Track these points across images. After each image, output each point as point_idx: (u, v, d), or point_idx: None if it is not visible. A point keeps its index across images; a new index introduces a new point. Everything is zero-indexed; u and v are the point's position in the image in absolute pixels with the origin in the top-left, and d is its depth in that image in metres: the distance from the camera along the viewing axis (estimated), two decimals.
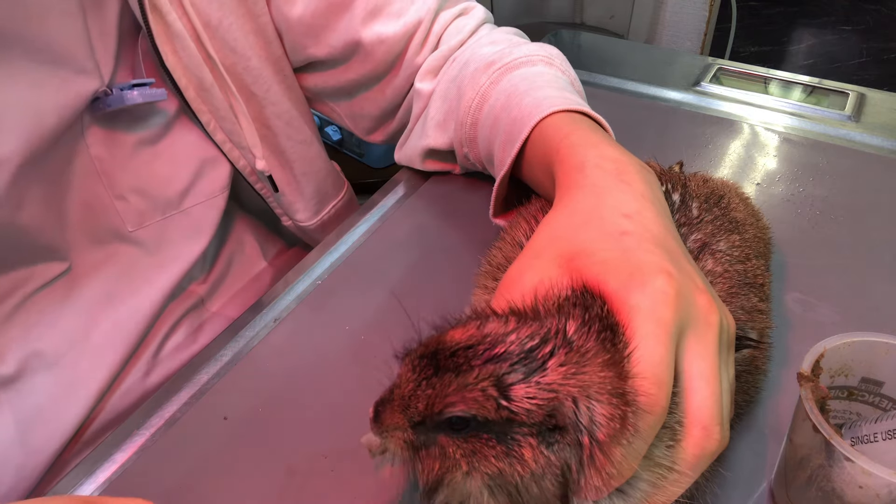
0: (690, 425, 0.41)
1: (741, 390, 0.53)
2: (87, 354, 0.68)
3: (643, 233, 0.46)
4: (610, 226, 0.47)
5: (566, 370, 0.38)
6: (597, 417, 0.38)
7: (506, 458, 0.38)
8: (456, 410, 0.38)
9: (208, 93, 0.72)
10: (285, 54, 0.79)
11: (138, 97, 0.66)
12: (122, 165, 0.70)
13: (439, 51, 0.80)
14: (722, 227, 0.57)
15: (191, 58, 0.69)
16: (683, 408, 0.41)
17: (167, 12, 0.66)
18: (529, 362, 0.38)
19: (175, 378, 0.63)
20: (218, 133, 0.75)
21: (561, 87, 0.68)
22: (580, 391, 0.38)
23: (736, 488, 0.53)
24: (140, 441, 0.58)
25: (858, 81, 1.50)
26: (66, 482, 0.55)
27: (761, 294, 0.57)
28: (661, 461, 0.41)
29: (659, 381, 0.39)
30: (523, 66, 0.72)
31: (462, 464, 0.39)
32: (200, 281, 0.81)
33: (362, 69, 0.80)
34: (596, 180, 0.51)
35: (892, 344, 0.49)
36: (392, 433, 0.41)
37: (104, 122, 0.68)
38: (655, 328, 0.40)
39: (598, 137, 0.57)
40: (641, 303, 0.41)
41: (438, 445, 0.40)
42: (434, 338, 0.42)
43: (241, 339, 0.67)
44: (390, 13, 0.77)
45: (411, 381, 0.40)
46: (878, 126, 0.94)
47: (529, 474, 0.38)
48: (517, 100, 0.67)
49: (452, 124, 0.76)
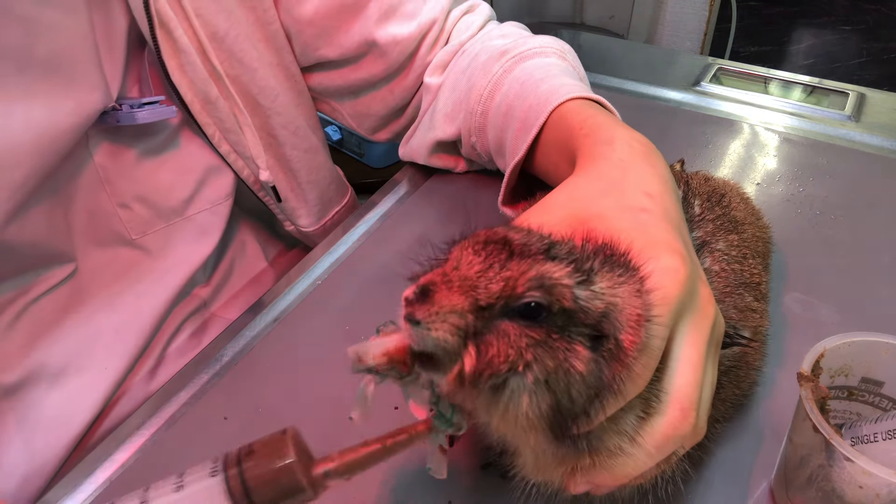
0: (669, 405, 0.41)
1: (732, 383, 0.53)
2: (92, 362, 0.68)
3: (662, 213, 0.46)
4: (630, 199, 0.47)
5: (610, 284, 0.39)
6: (622, 337, 0.38)
7: (566, 353, 0.37)
8: (538, 296, 0.37)
9: (213, 106, 0.71)
10: (295, 60, 0.78)
11: (149, 116, 0.65)
12: (125, 175, 0.70)
13: (449, 45, 0.79)
14: (722, 227, 0.57)
15: (196, 73, 0.69)
16: (663, 386, 0.41)
17: (174, 28, 0.66)
18: (586, 276, 0.39)
19: (175, 378, 0.63)
20: (223, 144, 0.74)
21: (576, 78, 0.68)
22: (619, 306, 0.39)
23: (736, 488, 0.53)
24: (140, 441, 0.58)
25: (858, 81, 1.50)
26: (67, 482, 0.55)
27: (756, 293, 0.57)
28: (626, 429, 0.41)
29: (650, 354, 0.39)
30: (537, 56, 0.71)
31: (527, 353, 0.37)
32: (204, 284, 0.81)
33: (374, 69, 0.79)
34: (623, 155, 0.51)
35: (892, 344, 0.49)
36: (446, 316, 0.37)
37: (110, 133, 0.68)
38: (660, 301, 0.40)
39: (622, 123, 0.58)
40: (651, 274, 0.41)
41: (502, 333, 0.37)
42: (495, 229, 0.40)
43: (241, 339, 0.67)
44: (404, 14, 0.77)
45: (478, 264, 0.38)
46: (878, 126, 0.94)
47: (580, 375, 0.37)
48: (533, 87, 0.66)
49: (461, 114, 0.75)
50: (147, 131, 0.70)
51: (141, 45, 0.69)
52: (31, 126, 0.57)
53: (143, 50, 0.69)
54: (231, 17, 0.70)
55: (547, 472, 0.43)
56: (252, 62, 0.73)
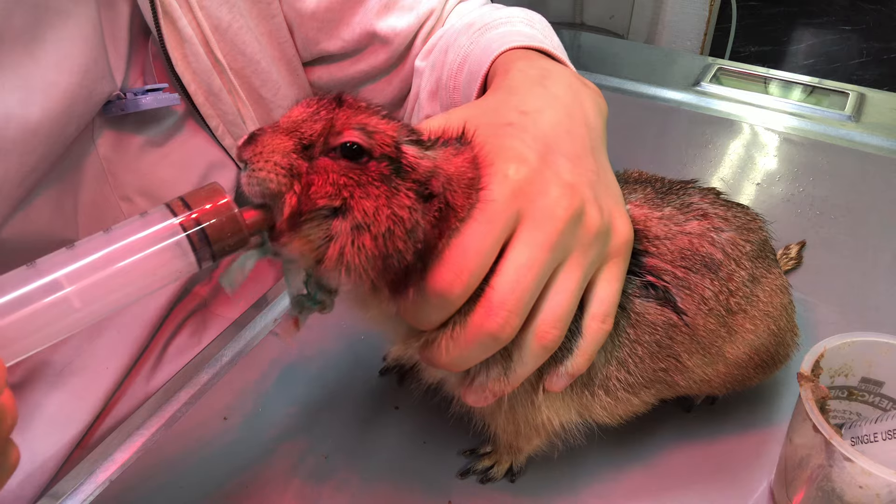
0: (479, 302, 0.41)
1: (664, 355, 0.50)
2: (94, 361, 0.68)
3: (529, 127, 0.47)
4: (501, 118, 0.48)
5: (444, 154, 0.43)
6: (455, 203, 0.41)
7: (388, 198, 0.39)
8: (357, 136, 0.40)
9: (217, 98, 0.72)
10: (297, 53, 0.78)
11: (152, 102, 0.66)
12: (128, 167, 0.70)
13: (441, 30, 0.80)
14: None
15: (200, 63, 0.69)
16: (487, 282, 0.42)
17: (178, 17, 0.66)
18: (418, 139, 0.43)
19: (175, 378, 0.63)
20: (226, 138, 0.74)
21: (536, 40, 0.67)
22: (450, 171, 0.42)
23: (736, 488, 0.53)
24: (140, 441, 0.58)
25: (858, 81, 1.50)
26: (67, 482, 0.55)
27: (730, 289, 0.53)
28: (452, 318, 0.42)
29: (458, 267, 0.40)
30: (502, 25, 0.71)
31: (345, 191, 0.39)
32: (204, 282, 0.81)
33: (374, 61, 0.79)
34: (513, 83, 0.52)
35: (892, 344, 0.49)
36: (270, 156, 0.39)
37: (114, 123, 0.68)
38: (482, 206, 0.41)
39: (548, 61, 0.57)
40: (485, 183, 0.42)
41: (322, 170, 0.39)
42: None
43: (241, 339, 0.67)
44: (403, 6, 0.77)
45: (307, 112, 0.41)
46: (878, 126, 0.94)
47: (401, 222, 0.39)
48: (487, 57, 0.65)
49: (440, 91, 0.75)
50: (150, 121, 0.70)
51: (144, 36, 0.69)
52: (47, 113, 0.57)
53: (146, 41, 0.69)
54: (234, 9, 0.70)
55: (398, 338, 0.46)
56: (254, 55, 0.73)
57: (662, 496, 0.53)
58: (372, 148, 0.40)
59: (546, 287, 0.43)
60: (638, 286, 0.49)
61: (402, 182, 0.40)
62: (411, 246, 0.40)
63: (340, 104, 0.41)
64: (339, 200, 0.39)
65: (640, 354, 0.50)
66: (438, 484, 0.54)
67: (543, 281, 0.42)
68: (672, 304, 0.50)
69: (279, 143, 0.39)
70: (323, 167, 0.39)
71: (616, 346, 0.49)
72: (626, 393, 0.51)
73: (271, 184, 0.39)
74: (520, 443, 0.52)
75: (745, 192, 0.83)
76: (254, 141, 0.40)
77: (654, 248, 0.50)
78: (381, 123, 0.41)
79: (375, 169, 0.39)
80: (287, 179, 0.39)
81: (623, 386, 0.50)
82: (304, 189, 0.39)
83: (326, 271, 0.40)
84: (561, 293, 0.43)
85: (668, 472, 0.54)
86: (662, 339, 0.50)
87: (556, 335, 0.43)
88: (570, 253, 0.43)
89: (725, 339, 0.51)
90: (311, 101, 0.42)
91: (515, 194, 0.42)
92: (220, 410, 0.60)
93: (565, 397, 0.50)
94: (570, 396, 0.50)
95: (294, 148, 0.39)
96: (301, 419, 0.59)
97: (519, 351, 0.44)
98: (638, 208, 0.52)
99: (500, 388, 0.45)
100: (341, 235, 0.39)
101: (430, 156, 0.42)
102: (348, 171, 0.39)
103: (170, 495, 0.54)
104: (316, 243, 0.40)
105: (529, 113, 0.48)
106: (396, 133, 0.41)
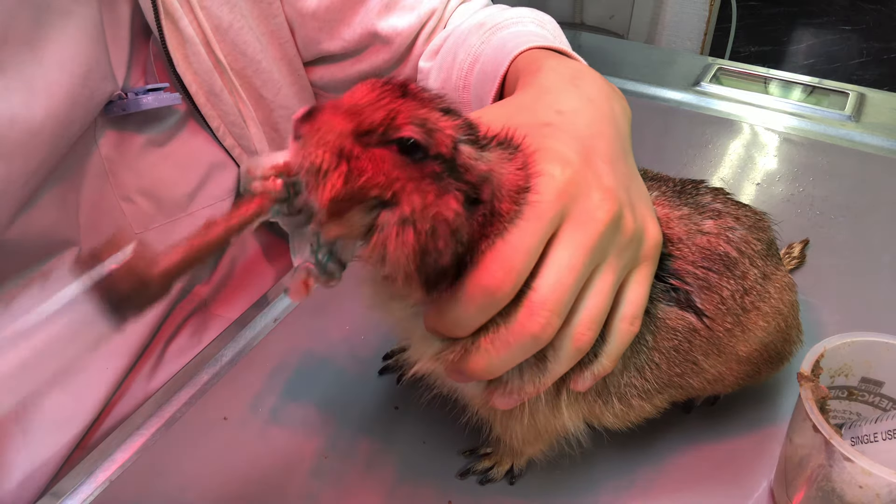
0: (522, 303, 0.41)
1: (682, 360, 0.51)
2: (94, 361, 0.68)
3: (567, 127, 0.47)
4: (538, 118, 0.48)
5: (499, 157, 0.42)
6: (501, 209, 0.41)
7: (436, 197, 0.39)
8: (417, 133, 0.39)
9: (218, 98, 0.72)
10: (298, 53, 0.78)
11: (153, 101, 0.66)
12: (129, 166, 0.70)
13: (444, 31, 0.79)
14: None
15: (201, 63, 0.69)
16: (528, 284, 0.41)
17: (179, 17, 0.66)
18: (475, 138, 0.42)
19: (175, 378, 0.63)
20: (227, 138, 0.74)
21: (549, 40, 0.68)
22: (503, 175, 0.41)
23: (736, 488, 0.53)
24: (140, 441, 0.58)
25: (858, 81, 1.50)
26: (67, 482, 0.55)
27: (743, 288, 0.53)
28: (493, 320, 0.42)
29: (507, 265, 0.40)
30: (513, 25, 0.71)
31: (396, 184, 0.39)
32: (204, 283, 0.81)
33: (376, 61, 0.79)
34: (545, 81, 0.52)
35: (892, 344, 0.49)
36: (325, 135, 0.39)
37: (115, 123, 0.68)
38: (531, 205, 0.41)
39: (566, 59, 0.57)
40: (535, 187, 0.42)
41: (376, 159, 0.39)
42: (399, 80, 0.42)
43: (241, 339, 0.67)
44: (404, 6, 0.77)
45: (370, 96, 0.40)
46: (878, 126, 0.94)
47: (446, 222, 0.39)
48: (505, 53, 0.65)
49: (449, 92, 0.75)
50: (152, 122, 0.70)
51: (145, 36, 0.69)
52: (50, 114, 0.57)
53: (147, 41, 0.69)
54: (235, 9, 0.70)
55: (426, 355, 0.45)
56: (255, 55, 0.73)
57: (662, 496, 0.53)
58: (429, 146, 0.39)
59: (583, 289, 0.43)
60: (661, 290, 0.49)
61: (454, 182, 0.40)
62: (452, 246, 0.40)
63: (405, 94, 0.41)
64: (390, 193, 0.39)
65: (657, 361, 0.50)
66: (438, 484, 0.54)
67: (582, 282, 0.42)
68: (693, 308, 0.50)
69: (337, 122, 0.39)
70: (379, 157, 0.39)
71: (635, 352, 0.49)
72: (640, 400, 0.51)
73: (321, 161, 0.38)
74: (526, 447, 0.52)
75: (745, 192, 0.83)
76: (313, 116, 0.39)
77: (677, 252, 0.51)
78: (441, 120, 0.40)
79: (430, 166, 0.39)
80: (336, 160, 0.39)
81: (638, 392, 0.50)
82: (353, 174, 0.39)
83: (360, 256, 0.41)
84: (597, 295, 0.43)
85: (667, 472, 0.54)
86: (681, 343, 0.50)
87: (591, 337, 0.43)
88: (607, 256, 0.44)
89: (739, 338, 0.52)
90: (375, 83, 0.41)
91: (561, 195, 0.42)
92: (220, 410, 0.60)
93: (578, 405, 0.49)
94: (582, 404, 0.50)
95: (350, 132, 0.39)
96: (301, 419, 0.59)
97: (554, 352, 0.43)
98: (660, 207, 0.53)
99: (534, 390, 0.45)
100: (387, 227, 0.39)
101: (486, 158, 0.42)
102: (403, 166, 0.39)
103: (170, 495, 0.54)
104: (356, 229, 0.40)
105: (566, 113, 0.48)
106: (455, 132, 0.41)
